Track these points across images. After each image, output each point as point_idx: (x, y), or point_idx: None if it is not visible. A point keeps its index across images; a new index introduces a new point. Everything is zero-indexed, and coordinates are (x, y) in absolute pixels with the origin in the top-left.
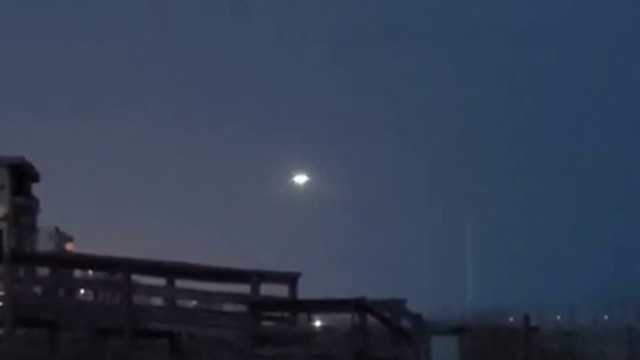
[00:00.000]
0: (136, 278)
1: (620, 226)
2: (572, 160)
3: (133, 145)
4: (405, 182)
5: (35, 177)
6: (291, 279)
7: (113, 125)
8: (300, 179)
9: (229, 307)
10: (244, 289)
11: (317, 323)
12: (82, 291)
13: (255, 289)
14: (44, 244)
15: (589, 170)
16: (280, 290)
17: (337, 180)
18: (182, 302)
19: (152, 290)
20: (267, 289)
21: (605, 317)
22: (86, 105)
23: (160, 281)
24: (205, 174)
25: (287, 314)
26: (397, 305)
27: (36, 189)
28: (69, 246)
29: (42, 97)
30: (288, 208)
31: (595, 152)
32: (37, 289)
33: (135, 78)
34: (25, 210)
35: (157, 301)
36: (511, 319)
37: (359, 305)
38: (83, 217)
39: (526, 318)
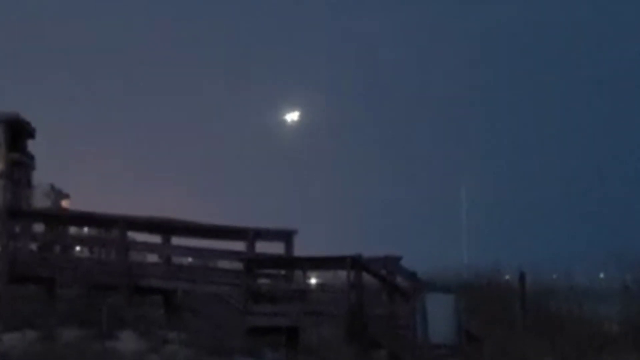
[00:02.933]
0: (132, 235)
1: (616, 182)
2: (567, 115)
3: (127, 101)
4: (400, 138)
5: (31, 134)
6: (287, 236)
7: (109, 80)
8: (292, 115)
9: (224, 264)
10: (240, 246)
11: (313, 280)
12: (77, 248)
13: (251, 246)
14: (39, 201)
15: (584, 126)
16: (276, 247)
17: (328, 127)
18: (177, 259)
19: (148, 247)
20: (263, 246)
21: (601, 275)
22: (82, 60)
23: (156, 238)
24: (200, 127)
25: (282, 271)
26: (392, 263)
27: (32, 146)
28: (65, 203)
29: (39, 53)
30: (280, 152)
31: (588, 106)
32: (33, 246)
33: (131, 31)
34: (20, 167)
35: (153, 258)
36: (507, 277)
37: (355, 263)
38: (79, 174)
39: (522, 276)
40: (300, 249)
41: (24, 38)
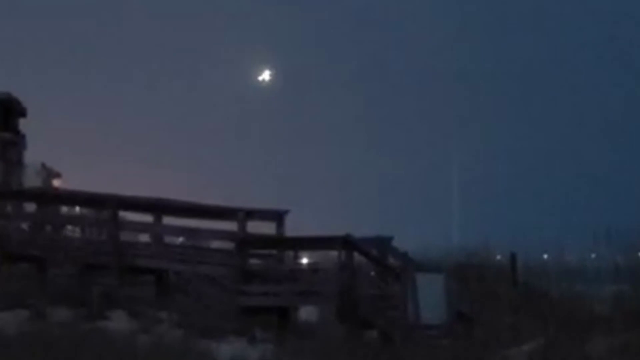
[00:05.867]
0: (123, 215)
1: (608, 160)
2: (560, 95)
3: (117, 79)
4: (389, 116)
5: (22, 113)
6: (278, 216)
7: (97, 60)
8: (264, 75)
9: (216, 244)
10: (231, 226)
11: (304, 260)
12: (69, 227)
13: (242, 226)
14: (30, 180)
15: (576, 105)
16: (267, 228)
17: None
18: (169, 239)
19: (139, 227)
20: (254, 226)
21: (593, 255)
22: (73, 40)
23: (147, 218)
24: (179, 99)
25: (274, 251)
26: (383, 243)
27: (23, 125)
28: (56, 182)
29: (30, 32)
30: (259, 122)
31: (582, 86)
32: (25, 225)
33: (119, 12)
34: (12, 146)
35: (144, 238)
36: (498, 257)
37: (346, 243)
38: (70, 153)
39: (513, 256)
40: (292, 229)
41: (13, 17)
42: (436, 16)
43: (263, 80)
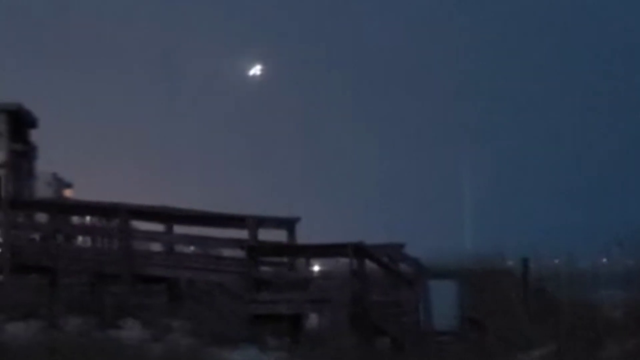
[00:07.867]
0: (135, 224)
1: (618, 164)
2: (563, 96)
3: (127, 90)
4: (399, 119)
5: (33, 124)
6: (289, 224)
7: (109, 72)
8: (255, 70)
9: (227, 253)
10: (242, 234)
11: (316, 268)
12: (80, 237)
13: (254, 233)
14: (42, 191)
15: (588, 107)
16: (279, 235)
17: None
18: (180, 248)
19: (151, 236)
20: (266, 234)
21: (604, 260)
22: (84, 51)
23: (158, 227)
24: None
25: (285, 259)
26: (395, 250)
27: (34, 136)
28: (67, 192)
29: (41, 43)
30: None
31: (594, 90)
32: (36, 236)
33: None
34: (23, 157)
35: (156, 247)
36: (510, 263)
37: (358, 250)
38: (81, 163)
39: (525, 261)
40: (303, 237)
41: (26, 28)
42: (436, 16)
43: (254, 74)
